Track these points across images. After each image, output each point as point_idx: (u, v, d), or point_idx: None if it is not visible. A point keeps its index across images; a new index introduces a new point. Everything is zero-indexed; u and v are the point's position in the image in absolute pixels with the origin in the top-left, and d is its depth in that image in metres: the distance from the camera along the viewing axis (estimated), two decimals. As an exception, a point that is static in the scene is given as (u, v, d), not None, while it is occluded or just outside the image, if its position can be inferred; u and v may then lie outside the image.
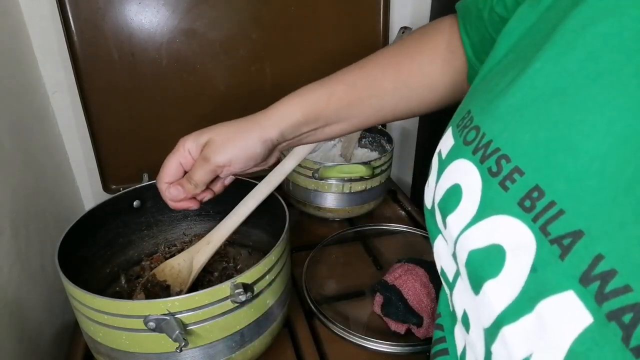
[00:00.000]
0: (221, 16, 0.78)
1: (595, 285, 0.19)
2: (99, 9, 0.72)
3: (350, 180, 0.74)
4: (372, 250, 0.74)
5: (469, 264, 0.27)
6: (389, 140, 0.83)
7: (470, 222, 0.27)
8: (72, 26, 0.71)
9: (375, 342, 0.55)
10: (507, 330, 0.23)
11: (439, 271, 0.35)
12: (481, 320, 0.26)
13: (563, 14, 0.26)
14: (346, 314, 0.62)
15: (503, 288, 0.23)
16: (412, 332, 0.58)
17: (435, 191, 0.32)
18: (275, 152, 0.47)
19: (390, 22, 0.89)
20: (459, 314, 0.31)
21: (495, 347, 0.24)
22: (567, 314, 0.20)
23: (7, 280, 0.53)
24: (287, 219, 0.53)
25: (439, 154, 0.33)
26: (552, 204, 0.22)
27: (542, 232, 0.22)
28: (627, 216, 0.19)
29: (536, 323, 0.21)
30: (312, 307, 0.61)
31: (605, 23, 0.24)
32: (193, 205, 0.48)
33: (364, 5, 0.86)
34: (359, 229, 0.79)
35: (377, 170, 0.75)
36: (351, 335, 0.56)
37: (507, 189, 0.25)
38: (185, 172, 0.46)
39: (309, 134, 0.46)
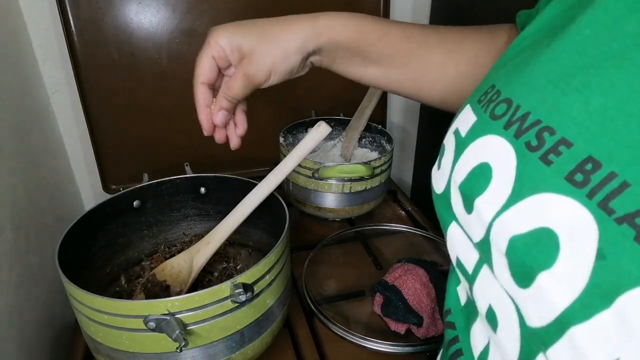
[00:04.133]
0: (221, 16, 0.78)
1: None
2: (99, 9, 0.72)
3: (350, 180, 0.74)
4: (372, 250, 0.74)
5: (511, 252, 0.23)
6: (389, 140, 0.83)
7: (507, 203, 0.24)
8: (72, 26, 0.71)
9: (375, 342, 0.55)
10: (577, 331, 0.19)
11: (454, 262, 0.32)
12: (529, 318, 0.22)
13: None
14: (346, 314, 0.62)
15: (563, 280, 0.20)
16: (412, 332, 0.58)
17: (452, 173, 0.30)
18: (307, 64, 0.45)
19: (390, 22, 0.89)
20: (482, 309, 0.28)
21: (554, 351, 0.21)
22: None
23: (7, 280, 0.53)
24: (287, 219, 0.53)
25: (457, 132, 0.30)
26: (612, 175, 0.19)
27: (602, 209, 0.19)
28: None
29: (617, 322, 0.18)
30: (312, 307, 0.61)
31: None
32: (234, 143, 0.48)
33: (364, 5, 0.86)
34: (359, 229, 0.79)
35: (377, 170, 0.75)
36: (351, 335, 0.56)
37: (550, 163, 0.22)
38: (219, 70, 0.44)
39: (342, 61, 0.44)
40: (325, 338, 0.58)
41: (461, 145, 0.29)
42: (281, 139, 0.80)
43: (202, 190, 0.65)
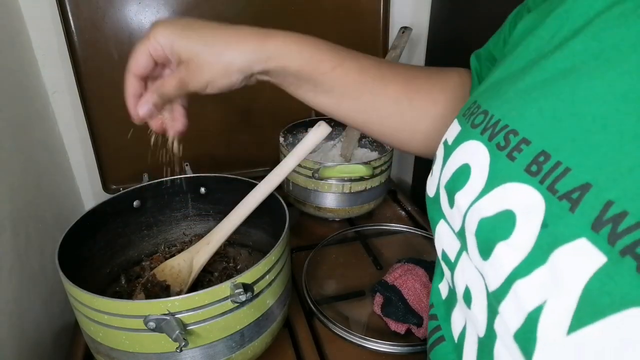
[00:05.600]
0: (221, 16, 0.78)
1: (607, 228, 0.20)
2: (99, 8, 0.72)
3: (350, 180, 0.74)
4: (372, 250, 0.74)
5: (479, 231, 0.28)
6: (389, 140, 0.83)
7: (480, 194, 0.28)
8: (72, 26, 0.71)
9: (375, 342, 0.55)
10: (519, 284, 0.23)
11: (440, 255, 0.35)
12: (490, 284, 0.26)
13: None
14: (346, 314, 0.62)
15: (514, 247, 0.24)
16: (412, 332, 0.58)
17: (440, 177, 0.33)
18: (252, 80, 0.43)
19: (390, 22, 0.89)
20: (460, 292, 0.31)
21: (503, 306, 0.25)
22: (580, 258, 0.21)
23: (7, 280, 0.53)
24: (287, 219, 0.53)
25: (445, 142, 0.34)
26: (557, 164, 0.24)
27: (549, 191, 0.23)
28: (635, 162, 0.20)
29: (549, 273, 0.22)
30: (312, 307, 0.61)
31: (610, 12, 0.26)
32: (156, 128, 0.45)
33: (364, 5, 0.86)
34: (359, 229, 0.79)
35: (377, 170, 0.75)
36: (351, 335, 0.56)
37: (514, 159, 0.26)
38: (156, 64, 0.42)
39: (291, 85, 0.43)
40: (325, 338, 0.58)
41: (448, 152, 0.33)
42: (281, 139, 0.80)
43: (202, 190, 0.65)
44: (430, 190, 0.36)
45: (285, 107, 0.88)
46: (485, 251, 0.27)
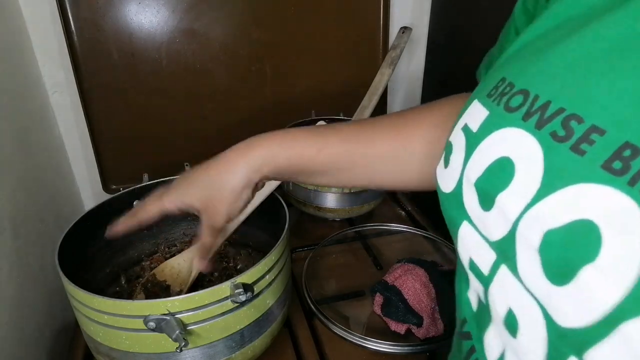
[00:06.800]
0: (221, 16, 0.78)
1: None
2: (99, 8, 0.72)
3: (350, 180, 0.74)
4: (372, 250, 0.74)
5: (546, 247, 0.22)
6: (389, 140, 0.82)
7: (536, 197, 0.23)
8: (72, 26, 0.71)
9: (375, 342, 0.55)
10: (630, 327, 0.18)
11: (466, 264, 0.30)
12: (566, 320, 0.21)
13: None
14: (346, 314, 0.62)
15: (609, 273, 0.19)
16: (412, 332, 0.58)
17: (464, 171, 0.28)
18: (259, 185, 0.46)
19: (390, 22, 0.89)
20: (500, 315, 0.26)
21: (599, 351, 0.19)
22: None
23: (7, 280, 0.53)
24: (287, 219, 0.53)
25: (466, 128, 0.29)
26: None
27: None
28: None
29: None
30: (312, 307, 0.61)
31: None
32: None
33: (364, 5, 0.86)
34: (359, 229, 0.79)
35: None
36: (351, 335, 0.56)
37: (583, 152, 0.21)
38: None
39: (290, 177, 0.45)
40: (325, 338, 0.58)
41: (473, 141, 0.28)
42: (281, 139, 0.80)
43: (202, 190, 0.65)
44: (446, 185, 0.30)
45: (285, 107, 0.88)
46: (561, 275, 0.21)
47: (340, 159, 0.42)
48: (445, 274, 0.62)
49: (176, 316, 0.42)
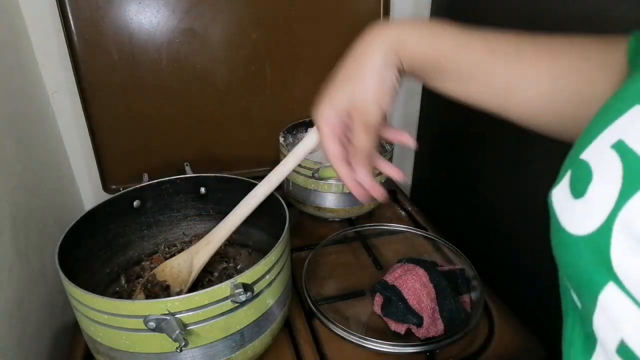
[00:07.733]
0: (221, 16, 0.78)
1: None
2: (99, 8, 0.72)
3: (350, 180, 0.74)
4: (372, 250, 0.74)
5: None
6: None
7: None
8: (72, 26, 0.71)
9: (375, 342, 0.55)
10: None
11: (613, 346, 0.21)
12: None
13: None
14: (346, 314, 0.62)
15: None
16: (412, 332, 0.58)
17: (621, 210, 0.20)
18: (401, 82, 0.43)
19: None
20: None
21: None
22: None
23: (7, 280, 0.53)
24: (287, 219, 0.53)
25: (623, 147, 0.21)
26: None
27: None
28: None
29: None
30: (312, 307, 0.61)
31: None
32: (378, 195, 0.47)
33: (364, 5, 0.86)
34: (359, 229, 0.79)
35: (377, 170, 0.75)
36: (351, 335, 0.56)
37: None
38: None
39: (422, 75, 0.42)
40: (325, 338, 0.58)
41: (638, 167, 0.20)
42: (281, 139, 0.80)
43: (202, 190, 0.66)
44: (582, 223, 0.22)
45: (285, 107, 0.88)
46: None
47: (479, 66, 0.38)
48: (445, 274, 0.62)
49: (176, 316, 0.42)
